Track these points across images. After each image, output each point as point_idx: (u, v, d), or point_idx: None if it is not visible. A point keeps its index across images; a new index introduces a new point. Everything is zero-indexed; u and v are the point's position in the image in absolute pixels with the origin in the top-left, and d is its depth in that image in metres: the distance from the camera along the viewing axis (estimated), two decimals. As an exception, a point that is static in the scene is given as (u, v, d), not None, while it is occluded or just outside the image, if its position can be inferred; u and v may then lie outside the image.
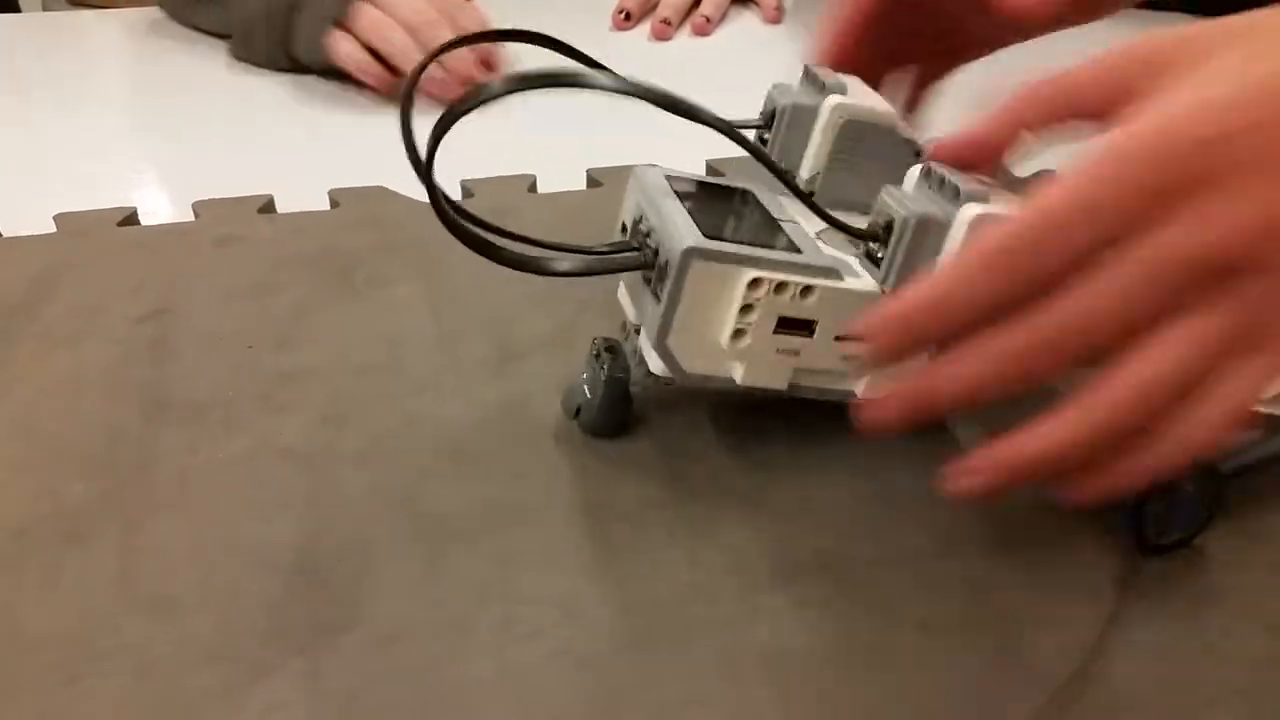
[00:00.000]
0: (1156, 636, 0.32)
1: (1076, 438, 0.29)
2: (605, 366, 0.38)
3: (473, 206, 0.53)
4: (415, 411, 0.40)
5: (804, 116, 0.40)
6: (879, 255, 0.34)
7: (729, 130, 0.32)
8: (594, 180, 0.56)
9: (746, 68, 0.76)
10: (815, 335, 0.35)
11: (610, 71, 0.32)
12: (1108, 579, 0.34)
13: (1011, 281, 0.29)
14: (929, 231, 0.32)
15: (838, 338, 0.35)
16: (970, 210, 0.31)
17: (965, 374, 0.30)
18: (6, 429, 0.39)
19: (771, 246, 0.34)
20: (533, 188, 0.56)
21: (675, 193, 0.36)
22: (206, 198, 0.53)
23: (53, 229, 0.51)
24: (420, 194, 0.53)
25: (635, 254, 0.35)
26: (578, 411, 0.39)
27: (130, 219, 0.52)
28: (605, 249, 0.36)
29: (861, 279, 0.34)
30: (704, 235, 0.33)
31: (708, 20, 0.82)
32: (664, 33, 0.81)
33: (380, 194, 0.54)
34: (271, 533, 0.34)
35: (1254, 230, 0.27)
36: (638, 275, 0.36)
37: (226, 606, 0.32)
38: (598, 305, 0.46)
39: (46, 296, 0.46)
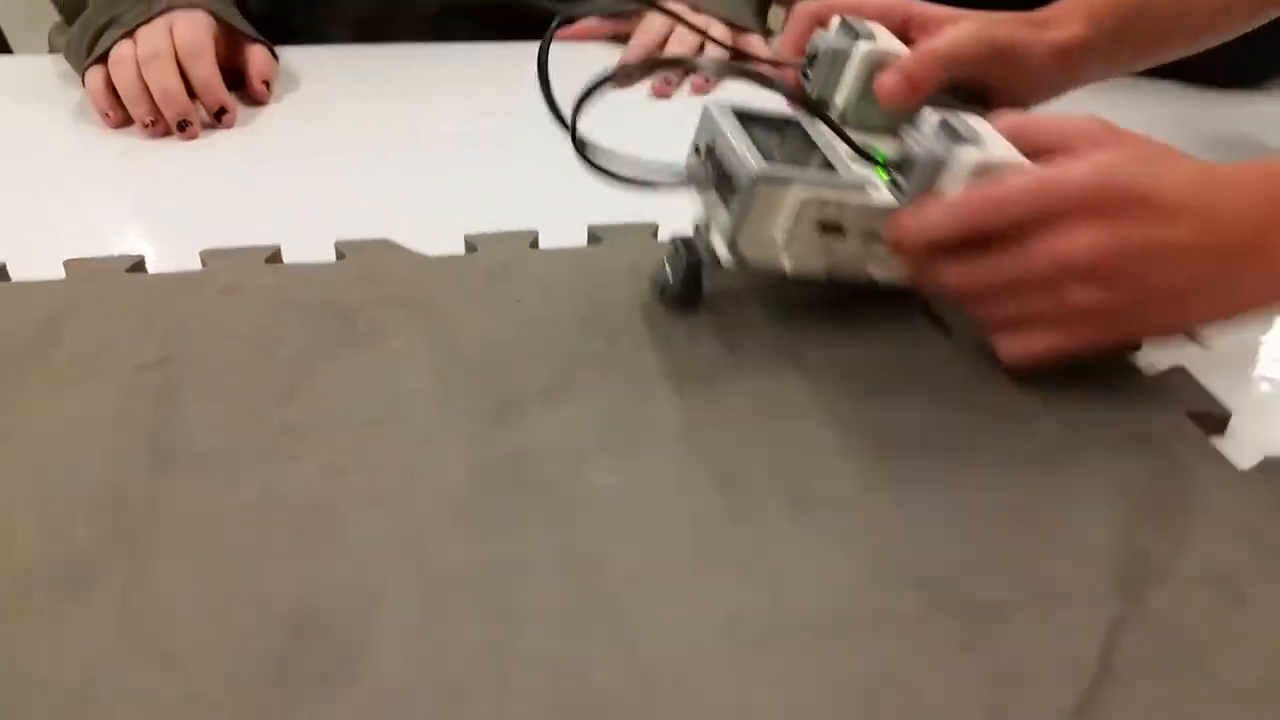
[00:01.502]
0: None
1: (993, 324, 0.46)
2: (684, 256, 0.49)
3: (476, 262, 0.54)
4: (416, 464, 0.40)
5: (839, 58, 0.52)
6: (898, 180, 0.46)
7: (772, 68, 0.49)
8: (594, 236, 0.57)
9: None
10: (846, 235, 0.46)
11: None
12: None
13: (977, 226, 0.44)
14: (935, 167, 0.44)
15: (866, 235, 0.46)
16: (967, 154, 0.44)
17: (944, 279, 0.46)
18: (12, 472, 0.39)
19: (814, 168, 0.46)
20: (535, 243, 0.57)
21: (740, 125, 0.47)
22: (215, 247, 0.54)
23: (62, 274, 0.52)
24: (423, 247, 0.55)
25: (708, 173, 0.47)
26: (662, 292, 0.50)
27: (139, 266, 0.53)
28: (687, 172, 0.49)
29: (881, 193, 0.46)
30: (765, 162, 0.44)
31: (707, 81, 0.84)
32: (664, 91, 0.83)
33: (385, 247, 0.55)
34: (275, 583, 0.35)
35: (1107, 252, 0.42)
36: (703, 186, 0.48)
37: (230, 656, 0.32)
38: (595, 359, 0.46)
39: (54, 341, 0.47)
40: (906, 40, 0.55)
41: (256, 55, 0.77)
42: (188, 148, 0.70)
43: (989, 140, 0.44)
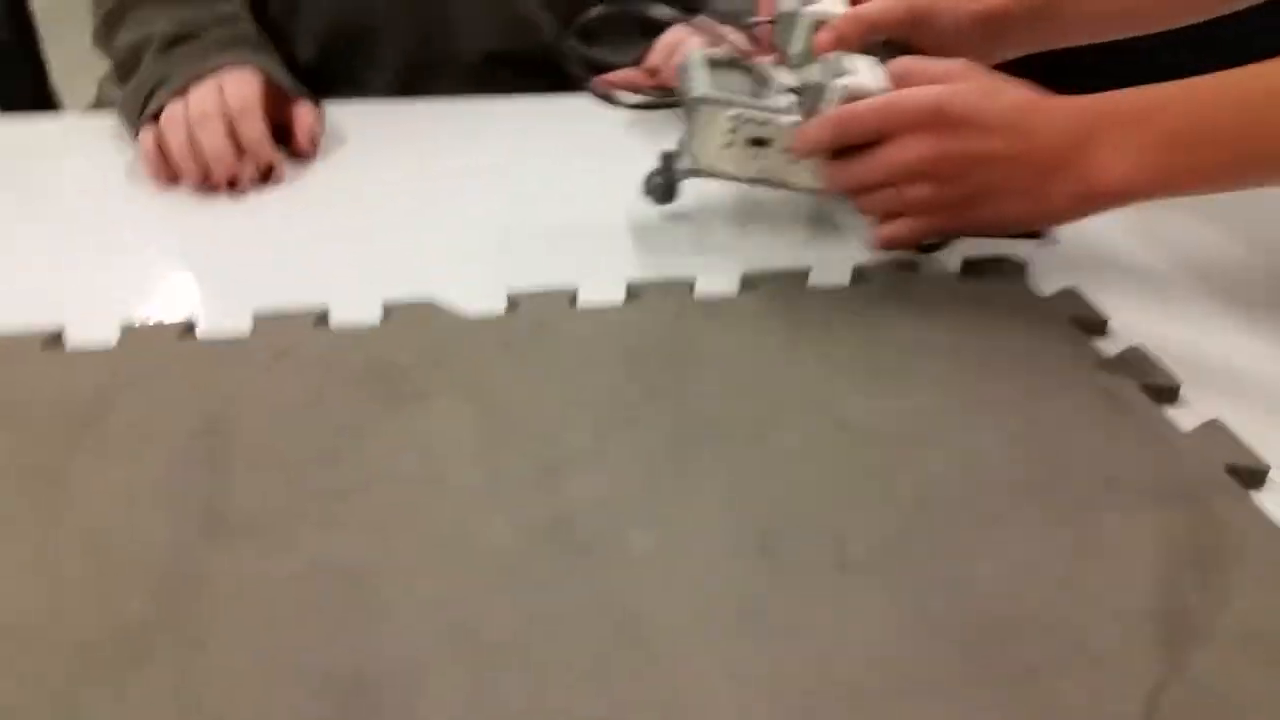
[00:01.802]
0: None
1: (864, 211, 0.62)
2: (666, 163, 0.65)
3: (517, 320, 0.55)
4: (461, 529, 0.41)
5: (792, 19, 0.65)
6: (800, 102, 0.61)
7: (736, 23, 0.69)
8: (632, 292, 0.58)
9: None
10: (772, 147, 0.61)
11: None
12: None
13: (841, 138, 0.58)
14: (818, 92, 0.59)
15: (785, 149, 0.61)
16: (839, 83, 0.58)
17: (829, 177, 0.61)
18: (68, 543, 0.41)
19: (751, 97, 0.61)
20: (574, 300, 0.58)
21: (706, 66, 0.63)
22: (264, 305, 0.56)
23: (116, 339, 0.54)
24: (466, 302, 0.56)
25: (675, 101, 0.64)
26: (648, 188, 0.65)
27: (190, 330, 0.55)
28: (665, 98, 0.69)
29: (793, 116, 0.61)
30: (709, 89, 0.61)
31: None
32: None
33: (429, 309, 0.56)
34: (325, 653, 0.36)
35: (933, 160, 0.56)
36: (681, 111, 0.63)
37: (281, 728, 0.33)
38: (634, 417, 0.47)
39: (107, 409, 0.48)
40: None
41: (303, 113, 0.79)
42: (236, 207, 0.72)
43: (864, 74, 0.58)
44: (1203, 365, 0.53)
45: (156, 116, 0.75)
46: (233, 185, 0.73)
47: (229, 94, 0.75)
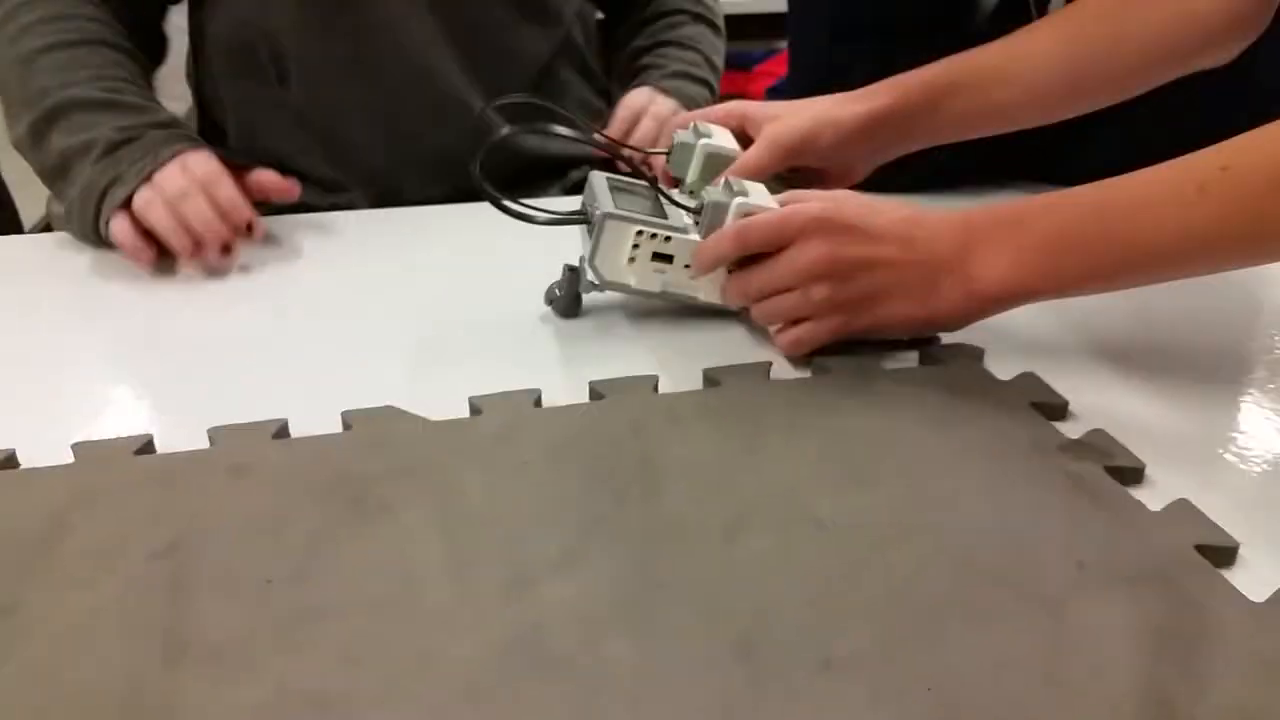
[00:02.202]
0: None
1: (760, 319, 0.65)
2: (569, 278, 0.68)
3: (481, 425, 0.55)
4: (430, 648, 0.40)
5: (688, 149, 0.72)
6: (698, 221, 0.65)
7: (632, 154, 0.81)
8: (596, 392, 0.58)
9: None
10: (674, 263, 0.66)
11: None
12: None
13: (741, 247, 0.62)
14: (720, 210, 0.63)
15: (686, 264, 0.66)
16: (737, 201, 0.63)
17: (729, 288, 0.65)
18: (26, 676, 0.39)
19: (653, 215, 0.65)
20: (538, 402, 0.57)
21: (609, 186, 0.67)
22: (222, 422, 0.55)
23: (71, 458, 0.53)
24: (428, 411, 0.56)
25: (584, 218, 0.67)
26: (551, 302, 0.69)
27: (147, 447, 0.54)
28: (574, 216, 0.67)
29: (693, 234, 0.65)
30: (615, 208, 0.64)
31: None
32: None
33: (391, 414, 0.55)
34: (293, 786, 0.34)
35: (829, 260, 0.60)
36: (587, 227, 0.67)
37: None
38: (604, 521, 0.47)
39: (64, 532, 0.47)
40: (745, 134, 0.73)
41: (263, 174, 0.83)
42: (189, 322, 0.71)
43: (754, 194, 0.64)
44: (1164, 444, 0.54)
45: (126, 207, 0.77)
46: (226, 250, 0.77)
47: (196, 170, 0.78)
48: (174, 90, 1.02)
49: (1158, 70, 0.74)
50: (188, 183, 0.77)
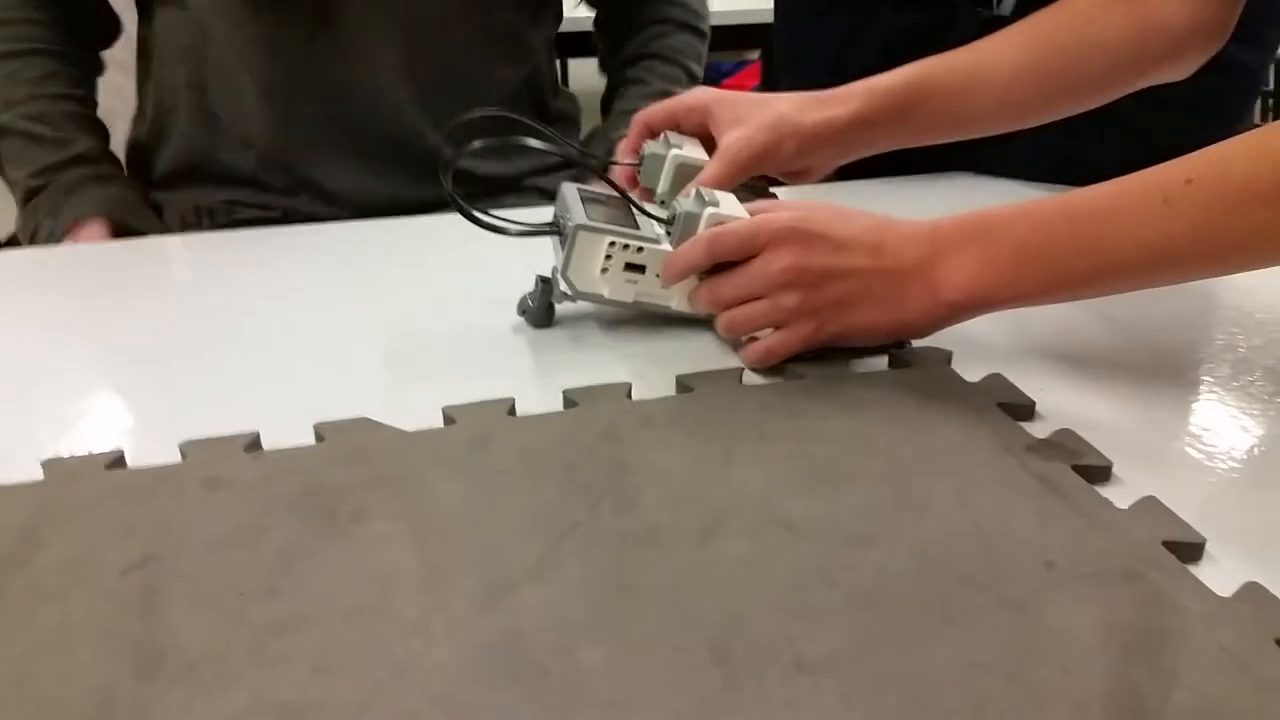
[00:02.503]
0: None
1: (724, 328, 0.65)
2: (541, 289, 0.68)
3: (455, 434, 0.55)
4: (406, 658, 0.40)
5: (659, 160, 0.73)
6: (670, 231, 0.66)
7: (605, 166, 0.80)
8: (570, 400, 0.58)
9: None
10: (646, 273, 0.66)
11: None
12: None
13: (712, 255, 0.63)
14: (691, 220, 0.64)
15: (657, 274, 0.66)
16: (709, 211, 0.63)
17: (697, 296, 0.66)
18: (-3, 694, 0.39)
19: (625, 226, 0.66)
20: (512, 410, 0.57)
21: (580, 197, 0.68)
22: (193, 435, 0.54)
23: (41, 474, 0.52)
24: (401, 422, 0.56)
25: (556, 229, 0.68)
26: (524, 312, 0.69)
27: (118, 461, 0.53)
28: (546, 227, 0.68)
29: (665, 244, 0.66)
30: (587, 219, 0.65)
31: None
32: None
33: (364, 426, 0.55)
34: (268, 798, 0.34)
35: (798, 269, 0.60)
36: (558, 238, 0.68)
37: None
38: (579, 528, 0.47)
39: (35, 548, 0.47)
40: (707, 131, 0.74)
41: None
42: (159, 335, 0.71)
43: (725, 204, 0.64)
44: (1130, 443, 0.55)
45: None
46: None
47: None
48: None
49: (1122, 80, 0.75)
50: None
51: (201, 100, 0.96)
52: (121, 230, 0.89)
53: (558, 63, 1.16)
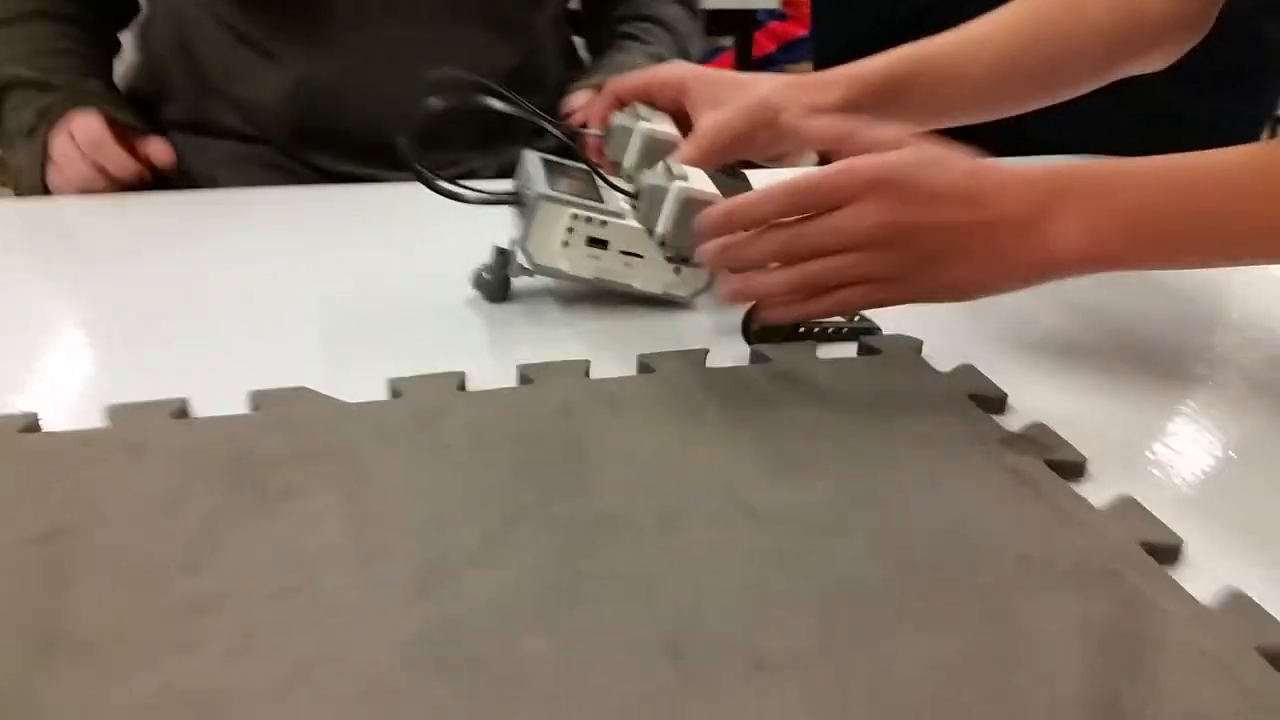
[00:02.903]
0: None
1: (786, 284, 0.56)
2: (499, 260, 0.65)
3: (400, 407, 0.52)
4: (330, 644, 0.37)
5: (626, 133, 0.69)
6: (635, 206, 0.63)
7: (571, 135, 0.73)
8: (525, 377, 0.55)
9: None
10: (609, 249, 0.63)
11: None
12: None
13: (794, 208, 0.55)
14: (658, 194, 0.60)
15: (620, 251, 0.63)
16: (677, 185, 0.59)
17: (753, 250, 0.56)
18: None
19: (589, 199, 0.63)
20: (462, 385, 0.54)
21: (543, 166, 0.65)
22: (119, 401, 0.51)
23: (-52, 437, 0.49)
24: (344, 395, 0.52)
25: (517, 198, 0.64)
26: (479, 284, 0.66)
27: (32, 426, 0.50)
28: (506, 196, 0.65)
29: (631, 220, 0.63)
30: (549, 189, 0.62)
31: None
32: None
33: (302, 395, 0.52)
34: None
35: (890, 226, 0.54)
36: (519, 208, 0.64)
37: None
38: (528, 510, 0.44)
39: (-66, 516, 0.43)
40: (681, 108, 0.70)
41: (154, 145, 0.89)
42: (88, 297, 0.67)
43: (694, 178, 0.60)
44: (1103, 440, 0.52)
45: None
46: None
47: (79, 135, 0.85)
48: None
49: (1101, 73, 0.74)
50: (73, 150, 0.85)
51: (195, 70, 0.95)
52: (114, 122, 0.87)
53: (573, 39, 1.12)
